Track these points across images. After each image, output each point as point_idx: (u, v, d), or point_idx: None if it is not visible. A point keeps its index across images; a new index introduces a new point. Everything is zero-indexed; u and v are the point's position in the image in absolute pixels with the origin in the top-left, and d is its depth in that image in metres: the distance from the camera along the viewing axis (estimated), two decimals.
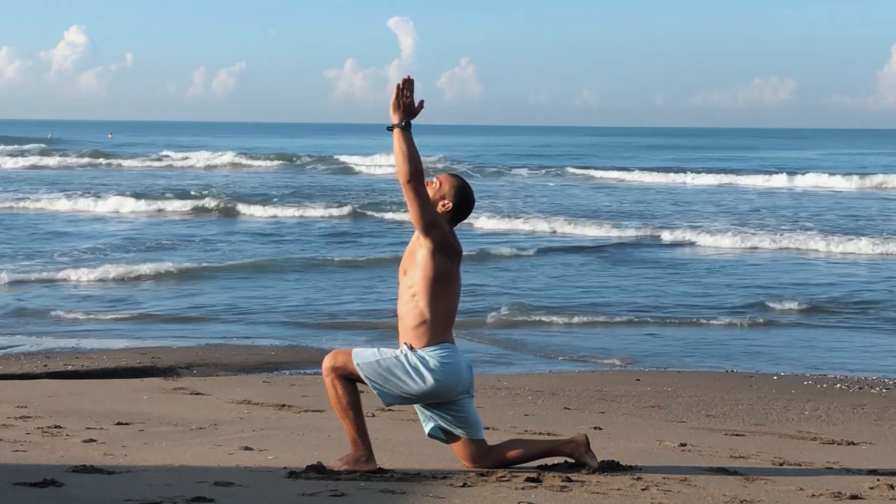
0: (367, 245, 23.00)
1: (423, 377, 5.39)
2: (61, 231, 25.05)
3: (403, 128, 5.32)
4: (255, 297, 15.82)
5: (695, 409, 8.80)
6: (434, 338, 5.43)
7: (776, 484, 5.49)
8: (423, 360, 5.40)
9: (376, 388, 5.43)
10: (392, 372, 5.41)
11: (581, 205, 33.63)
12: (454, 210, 5.53)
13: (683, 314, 14.54)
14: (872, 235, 24.09)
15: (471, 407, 5.60)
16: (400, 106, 5.33)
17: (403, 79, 5.37)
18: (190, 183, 40.90)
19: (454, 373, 5.43)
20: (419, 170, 5.30)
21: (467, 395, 5.57)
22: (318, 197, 34.53)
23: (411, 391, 5.42)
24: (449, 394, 5.47)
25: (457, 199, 5.53)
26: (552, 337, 13.14)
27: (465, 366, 5.54)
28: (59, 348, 11.63)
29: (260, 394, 8.89)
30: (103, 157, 59.02)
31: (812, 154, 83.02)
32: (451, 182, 5.57)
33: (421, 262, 5.41)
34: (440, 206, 5.48)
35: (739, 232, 24.80)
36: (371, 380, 5.42)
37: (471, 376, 5.58)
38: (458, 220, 5.57)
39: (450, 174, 5.69)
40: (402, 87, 5.35)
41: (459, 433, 5.56)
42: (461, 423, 5.55)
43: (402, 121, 5.33)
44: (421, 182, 5.31)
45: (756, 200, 36.62)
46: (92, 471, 5.35)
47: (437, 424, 5.59)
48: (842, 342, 13.01)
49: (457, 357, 5.48)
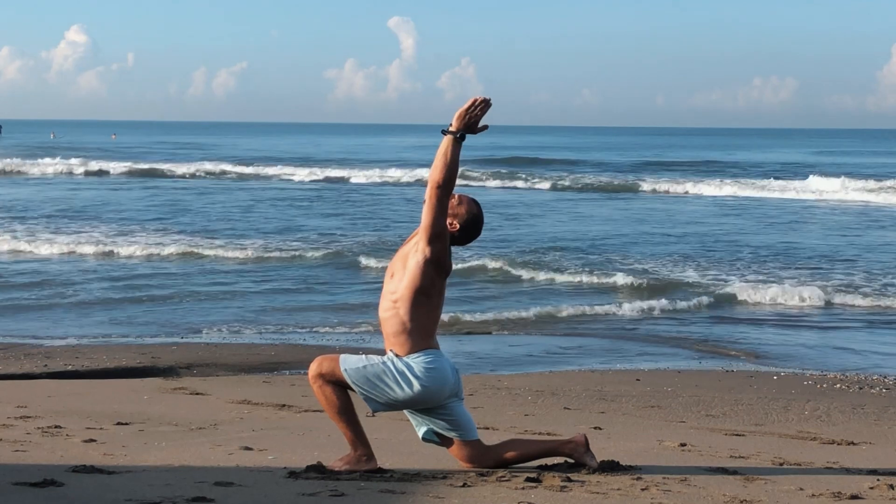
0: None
1: (410, 383, 5.40)
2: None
3: (458, 138, 5.34)
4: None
5: (695, 409, 8.79)
6: (416, 345, 5.44)
7: (776, 484, 5.49)
8: (408, 366, 5.42)
9: (363, 394, 5.44)
10: (380, 378, 5.42)
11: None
12: (458, 234, 5.55)
13: None
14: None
15: (461, 409, 5.60)
16: (466, 117, 5.36)
17: (484, 98, 5.38)
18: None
19: (440, 378, 5.44)
20: (452, 182, 5.33)
21: (456, 399, 5.57)
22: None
23: (398, 398, 5.43)
24: (436, 399, 5.47)
25: (466, 225, 5.55)
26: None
27: (451, 369, 5.54)
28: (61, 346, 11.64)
29: (260, 394, 8.89)
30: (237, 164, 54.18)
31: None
32: (469, 207, 5.57)
33: (410, 269, 5.41)
34: (451, 224, 5.50)
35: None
36: (359, 386, 5.42)
37: (457, 379, 5.58)
38: (456, 244, 5.58)
39: (472, 198, 5.66)
40: (478, 104, 5.37)
41: (453, 436, 5.56)
42: (453, 426, 5.56)
43: (459, 130, 5.35)
44: (447, 193, 5.34)
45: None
46: (92, 471, 5.35)
47: (430, 428, 5.59)
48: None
49: (442, 362, 5.48)
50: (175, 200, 34.49)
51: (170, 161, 58.41)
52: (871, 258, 20.79)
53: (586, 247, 22.11)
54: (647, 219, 29.54)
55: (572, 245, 22.19)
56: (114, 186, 41.97)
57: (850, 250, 22.16)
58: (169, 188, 41.11)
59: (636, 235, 24.82)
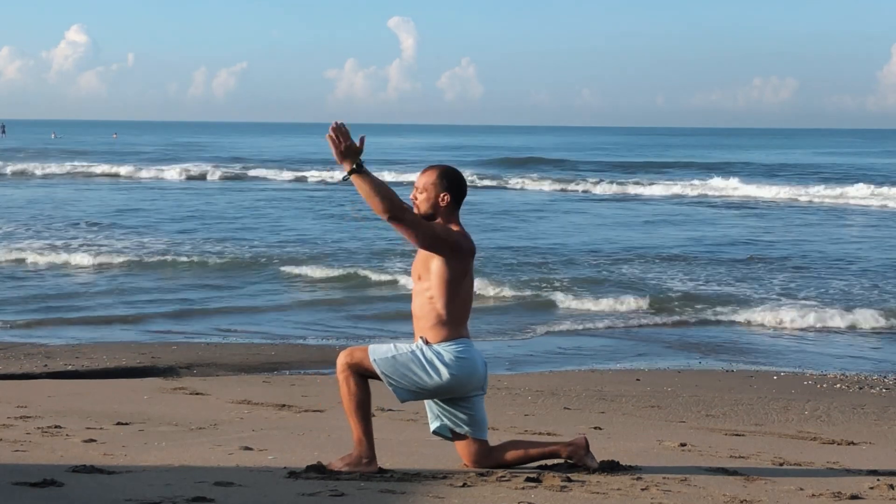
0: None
1: (439, 371, 5.39)
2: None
3: (358, 171, 5.22)
4: None
5: (695, 409, 8.80)
6: (449, 333, 5.44)
7: (776, 484, 5.49)
8: (438, 354, 5.41)
9: (392, 383, 5.43)
10: (408, 367, 5.41)
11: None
12: (453, 197, 5.47)
13: None
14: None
15: (481, 405, 5.61)
16: (342, 151, 5.23)
17: (332, 127, 5.25)
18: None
19: (469, 367, 5.44)
20: (394, 200, 5.19)
21: (481, 392, 5.58)
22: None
23: (427, 386, 5.42)
24: (463, 388, 5.46)
25: (449, 187, 5.46)
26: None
27: (481, 361, 5.55)
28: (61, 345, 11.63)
29: (260, 394, 8.89)
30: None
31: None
32: (431, 178, 5.47)
33: (436, 271, 5.40)
34: (440, 202, 5.46)
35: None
36: (387, 375, 5.42)
37: (486, 372, 5.58)
38: (460, 201, 5.51)
39: (422, 174, 5.55)
40: (337, 136, 5.24)
41: (465, 432, 5.56)
42: (470, 422, 5.56)
43: (352, 165, 5.23)
44: (401, 210, 5.21)
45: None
46: (92, 471, 5.34)
47: (444, 424, 5.59)
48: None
49: (472, 352, 5.48)
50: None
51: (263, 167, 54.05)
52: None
53: (599, 260, 19.87)
54: (664, 222, 28.41)
55: (580, 259, 19.84)
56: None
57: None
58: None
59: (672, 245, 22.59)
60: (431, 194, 5.46)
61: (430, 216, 5.46)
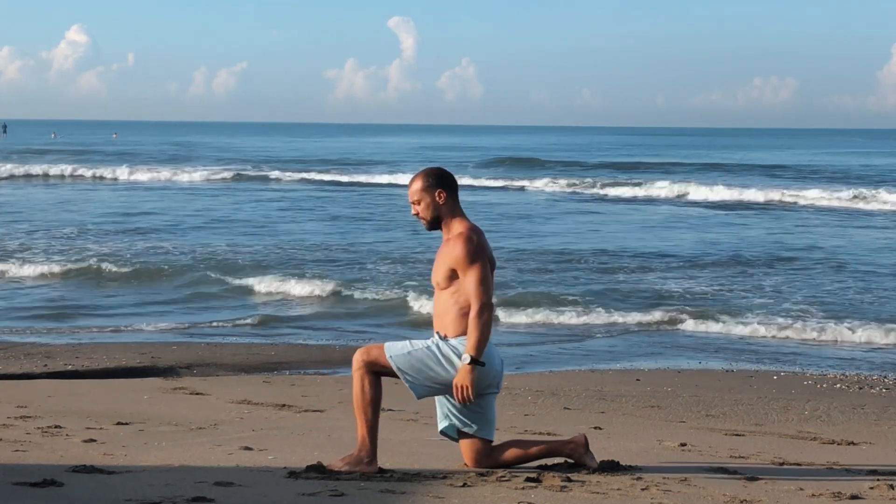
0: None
1: (455, 366, 5.41)
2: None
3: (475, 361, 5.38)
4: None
5: (695, 409, 8.80)
6: None
7: (776, 484, 5.49)
8: (454, 349, 5.43)
9: (408, 379, 5.45)
10: (424, 362, 5.43)
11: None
12: (447, 190, 5.55)
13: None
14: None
15: (493, 405, 5.63)
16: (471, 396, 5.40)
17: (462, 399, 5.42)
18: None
19: (486, 362, 5.44)
20: (490, 321, 5.40)
21: (494, 390, 5.59)
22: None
23: (443, 381, 5.44)
24: (478, 384, 5.44)
25: (438, 183, 5.55)
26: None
27: (498, 358, 5.57)
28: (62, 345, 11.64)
29: (260, 394, 8.89)
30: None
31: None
32: (420, 185, 5.56)
33: (468, 288, 5.42)
34: (438, 200, 5.52)
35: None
36: (403, 371, 5.43)
37: (501, 370, 5.61)
38: (455, 191, 5.60)
39: (410, 187, 5.62)
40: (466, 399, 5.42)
41: (473, 430, 5.57)
42: (480, 420, 5.57)
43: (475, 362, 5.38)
44: (490, 311, 5.41)
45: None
46: (92, 471, 5.35)
47: (452, 424, 5.60)
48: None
49: (489, 348, 5.49)
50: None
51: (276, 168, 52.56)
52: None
53: (602, 261, 19.56)
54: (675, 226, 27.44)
55: (585, 264, 19.19)
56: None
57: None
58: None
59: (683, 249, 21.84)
60: (428, 199, 5.54)
61: (436, 218, 5.53)
